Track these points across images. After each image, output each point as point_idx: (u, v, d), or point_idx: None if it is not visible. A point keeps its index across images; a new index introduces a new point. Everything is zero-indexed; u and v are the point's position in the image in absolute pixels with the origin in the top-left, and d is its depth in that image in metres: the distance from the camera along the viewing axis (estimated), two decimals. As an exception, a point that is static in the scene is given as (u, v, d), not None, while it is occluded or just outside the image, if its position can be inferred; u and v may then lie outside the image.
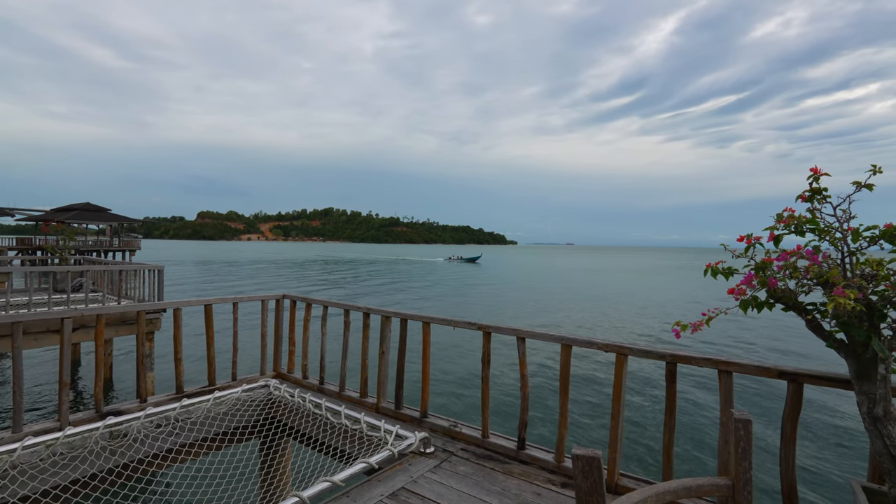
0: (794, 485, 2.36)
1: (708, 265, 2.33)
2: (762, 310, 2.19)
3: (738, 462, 1.30)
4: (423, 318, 3.83)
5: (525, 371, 3.27)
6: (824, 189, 2.13)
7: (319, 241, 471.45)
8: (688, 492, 1.29)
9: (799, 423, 2.39)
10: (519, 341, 3.29)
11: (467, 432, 3.51)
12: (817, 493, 5.33)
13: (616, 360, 2.85)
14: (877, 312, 1.97)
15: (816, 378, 2.30)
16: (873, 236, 2.02)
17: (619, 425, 2.83)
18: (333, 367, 4.73)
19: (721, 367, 2.51)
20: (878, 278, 1.97)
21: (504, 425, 7.06)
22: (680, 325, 2.19)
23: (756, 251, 2.23)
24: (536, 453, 3.19)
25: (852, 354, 2.02)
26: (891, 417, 1.94)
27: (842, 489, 5.37)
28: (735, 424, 1.32)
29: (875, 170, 1.98)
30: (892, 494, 1.89)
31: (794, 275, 2.12)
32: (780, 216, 2.19)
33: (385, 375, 4.11)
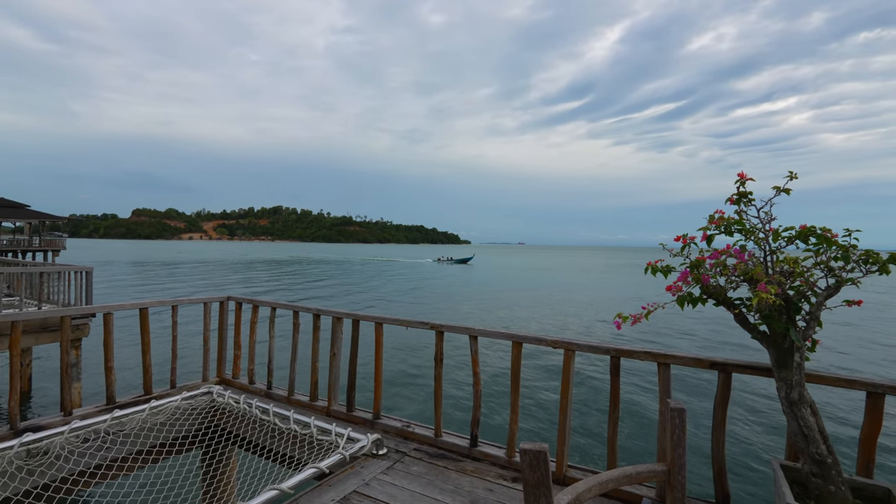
0: (723, 466, 2.54)
1: (648, 263, 2.46)
2: (696, 305, 2.34)
3: (674, 448, 1.38)
4: (375, 318, 3.78)
5: (477, 369, 3.31)
6: (750, 193, 2.30)
7: (268, 240, 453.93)
8: (629, 479, 1.35)
9: (728, 409, 2.57)
10: (471, 340, 3.32)
11: (420, 432, 3.51)
12: (744, 472, 5.78)
13: (564, 356, 2.95)
14: (793, 306, 2.16)
15: (742, 367, 2.49)
16: (790, 236, 2.21)
17: (567, 419, 2.93)
18: (282, 371, 4.57)
19: (660, 359, 2.66)
20: (795, 275, 2.15)
21: (458, 424, 7.12)
22: (621, 316, 2.29)
23: (691, 250, 2.37)
24: (489, 450, 3.24)
25: (773, 344, 2.20)
26: (804, 401, 2.13)
27: (765, 467, 5.86)
28: (670, 413, 1.40)
29: (791, 176, 2.17)
30: (805, 470, 2.08)
31: (723, 272, 2.28)
32: (712, 217, 2.35)
33: (336, 378, 4.02)
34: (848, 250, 2.12)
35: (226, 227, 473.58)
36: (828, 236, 2.13)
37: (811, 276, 2.17)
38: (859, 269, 2.13)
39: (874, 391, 2.24)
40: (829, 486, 2.01)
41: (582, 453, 6.43)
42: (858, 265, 2.12)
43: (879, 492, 2.06)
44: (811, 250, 2.20)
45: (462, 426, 6.78)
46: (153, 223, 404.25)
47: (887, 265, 2.07)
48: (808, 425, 2.09)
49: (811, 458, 2.06)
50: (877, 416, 2.24)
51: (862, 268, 2.12)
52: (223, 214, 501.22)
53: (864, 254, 2.11)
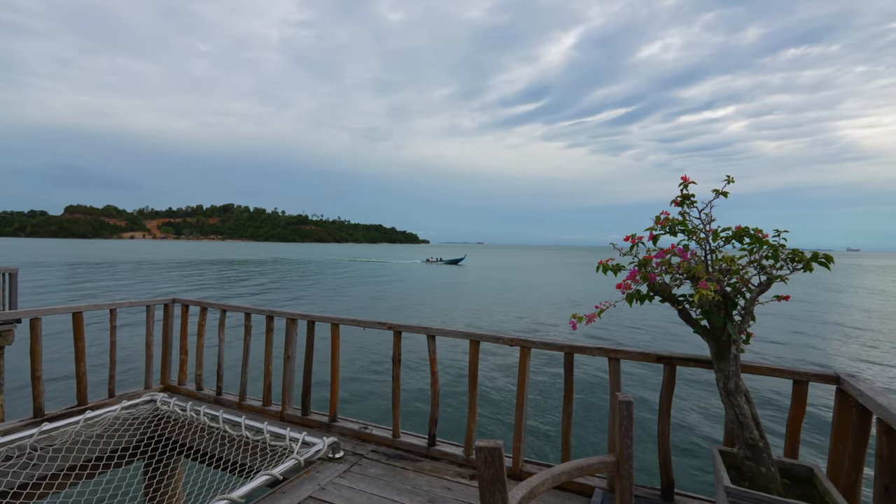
0: (668, 454, 2.68)
1: (600, 262, 2.56)
2: (644, 302, 2.45)
3: (622, 439, 1.45)
4: (331, 319, 3.70)
5: (435, 368, 3.31)
6: (692, 195, 2.44)
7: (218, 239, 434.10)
8: (580, 471, 1.40)
9: (673, 399, 2.71)
10: (429, 339, 3.32)
11: (378, 433, 3.47)
12: (688, 459, 6.13)
13: (520, 354, 3.00)
14: (730, 301, 2.30)
15: (686, 360, 2.63)
16: (728, 236, 2.36)
17: (523, 415, 2.99)
18: (233, 376, 4.39)
19: (610, 354, 2.77)
20: (731, 272, 2.30)
21: (417, 424, 7.10)
22: (576, 317, 2.37)
23: (639, 249, 2.48)
24: (447, 448, 3.26)
25: (712, 338, 2.34)
26: (740, 390, 2.28)
27: (706, 454, 6.24)
28: (619, 406, 1.46)
29: (728, 180, 2.32)
30: (740, 454, 2.23)
31: (668, 270, 2.40)
32: (658, 218, 2.47)
33: (291, 381, 3.91)
34: (777, 249, 2.30)
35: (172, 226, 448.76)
36: (760, 237, 2.29)
37: (746, 273, 2.33)
38: (787, 266, 2.30)
39: (799, 379, 2.43)
40: (761, 468, 2.16)
41: (539, 448, 6.59)
42: (786, 263, 2.30)
43: (803, 471, 2.25)
44: (746, 249, 2.36)
45: (421, 426, 6.78)
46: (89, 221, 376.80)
47: (810, 263, 2.25)
48: (742, 413, 2.24)
49: (745, 443, 2.21)
50: (801, 401, 2.43)
51: (789, 266, 2.30)
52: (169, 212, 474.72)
53: (791, 253, 2.28)
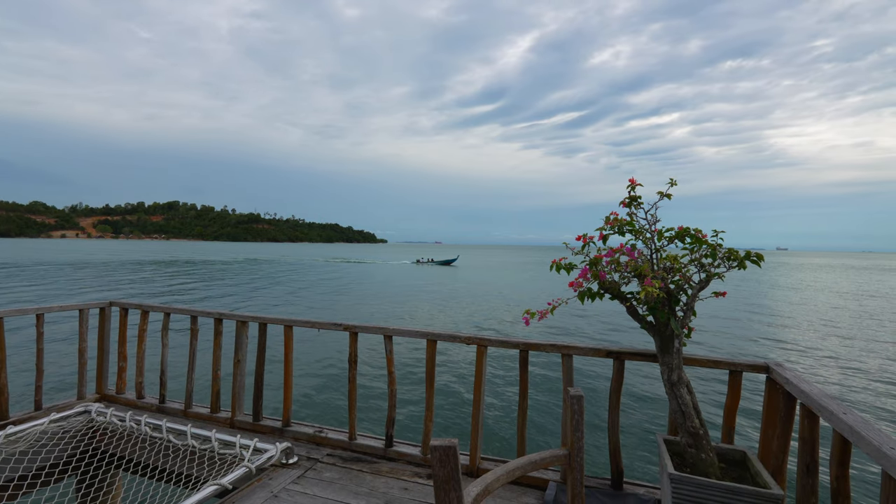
0: (618, 445, 2.80)
1: (553, 261, 2.63)
2: (595, 299, 2.55)
3: (573, 432, 1.50)
4: (284, 321, 3.59)
5: (392, 368, 3.29)
6: (639, 197, 2.55)
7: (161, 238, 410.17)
8: (533, 465, 1.43)
9: (622, 393, 2.83)
10: (386, 339, 3.29)
11: (334, 437, 3.40)
12: (636, 448, 6.42)
13: (477, 352, 3.04)
14: (673, 298, 2.43)
15: (633, 354, 2.76)
16: (671, 236, 2.49)
17: (480, 413, 3.02)
18: (178, 383, 4.16)
19: (563, 350, 2.85)
20: (674, 270, 2.43)
21: (375, 425, 7.02)
22: (529, 313, 2.42)
23: (590, 249, 2.57)
24: (405, 449, 3.24)
25: (658, 333, 2.46)
26: (682, 382, 2.41)
27: (652, 443, 6.56)
28: (570, 400, 1.51)
29: (672, 182, 2.45)
30: (683, 442, 2.36)
31: (617, 269, 2.50)
32: (608, 219, 2.57)
33: (241, 386, 3.75)
34: (715, 249, 2.45)
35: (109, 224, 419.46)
36: (699, 237, 2.43)
37: (687, 271, 2.47)
38: (724, 265, 2.46)
39: (734, 369, 2.61)
40: (701, 455, 2.30)
41: (499, 444, 6.69)
42: (723, 261, 2.45)
43: (738, 455, 2.41)
44: (687, 249, 2.50)
45: (379, 428, 6.71)
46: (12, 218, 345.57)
47: (744, 261, 2.41)
48: (685, 403, 2.37)
49: (687, 432, 2.34)
50: (736, 390, 2.60)
51: (726, 264, 2.46)
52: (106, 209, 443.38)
53: (728, 252, 2.44)
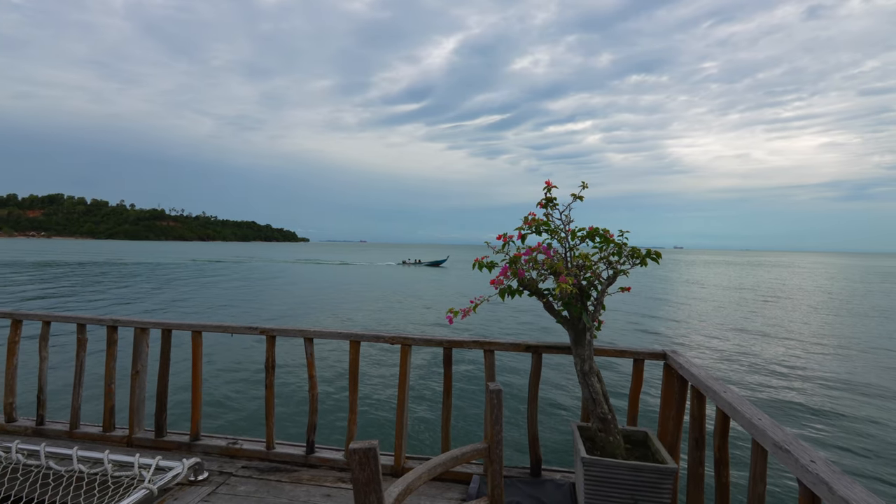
0: (536, 434, 2.94)
1: (476, 260, 2.69)
2: (514, 296, 2.65)
3: (493, 426, 1.54)
4: (192, 326, 3.31)
5: (313, 372, 3.16)
6: (555, 198, 2.69)
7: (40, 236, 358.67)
8: (455, 461, 1.46)
9: (540, 384, 2.98)
10: (306, 342, 3.17)
11: (250, 447, 3.20)
12: (553, 437, 6.79)
13: (401, 351, 3.02)
14: (585, 293, 2.60)
15: (550, 348, 2.91)
16: (583, 235, 2.67)
17: (405, 412, 3.01)
18: (62, 400, 3.66)
19: (485, 346, 2.93)
20: (586, 268, 2.60)
21: (297, 432, 6.72)
22: (452, 311, 2.46)
23: (510, 248, 2.67)
24: (327, 454, 3.14)
25: (571, 326, 2.62)
26: (593, 371, 2.59)
27: (567, 430, 6.99)
28: (490, 395, 1.55)
29: (583, 185, 2.61)
30: (594, 427, 2.54)
31: (535, 267, 2.62)
32: (526, 219, 2.68)
33: (140, 400, 3.40)
34: (621, 247, 2.66)
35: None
36: (608, 236, 2.63)
37: (597, 268, 2.65)
38: (629, 262, 2.68)
39: (637, 358, 2.85)
40: (610, 438, 2.48)
41: (426, 442, 6.71)
42: (628, 259, 2.67)
43: (640, 435, 2.64)
44: (597, 247, 2.69)
45: (301, 435, 6.44)
46: None
47: (645, 259, 2.65)
48: (595, 391, 2.55)
49: (597, 417, 2.52)
50: (639, 377, 2.85)
51: (630, 261, 2.68)
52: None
53: (632, 250, 2.66)
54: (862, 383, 9.95)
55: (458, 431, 7.01)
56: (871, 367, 11.33)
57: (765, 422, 1.64)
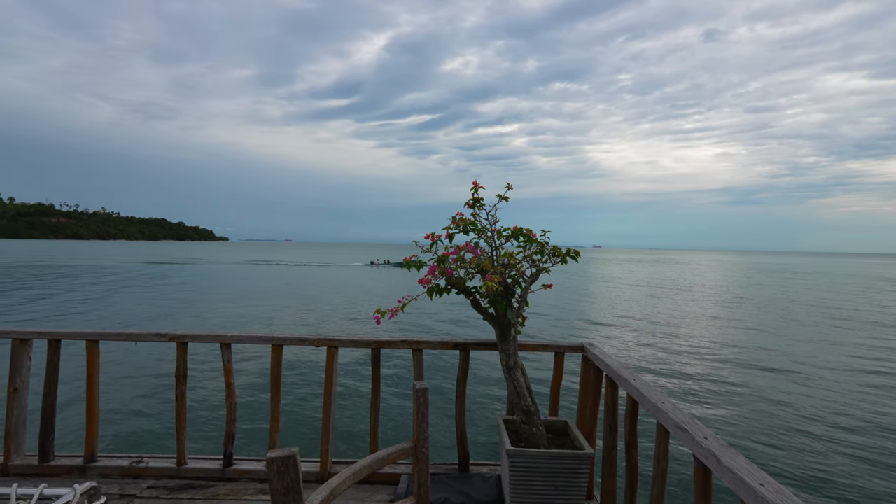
0: (464, 430, 2.99)
1: (405, 259, 2.68)
2: (443, 294, 2.67)
3: (419, 424, 1.55)
4: (86, 335, 2.95)
5: (231, 379, 2.97)
6: (482, 199, 2.76)
7: None
8: (381, 462, 1.44)
9: (469, 381, 3.03)
10: (223, 347, 2.96)
11: (157, 465, 2.93)
12: (481, 432, 6.97)
13: (327, 354, 2.93)
14: (510, 291, 2.69)
15: (477, 345, 2.97)
16: (508, 235, 2.76)
17: (331, 416, 2.92)
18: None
19: (414, 346, 2.93)
20: (511, 266, 2.69)
21: (213, 445, 6.27)
22: (380, 311, 2.43)
23: (438, 246, 2.69)
24: (247, 466, 2.95)
25: (497, 323, 2.70)
26: (518, 366, 2.68)
27: (495, 425, 7.23)
28: (416, 394, 1.55)
29: (508, 186, 2.70)
30: (518, 420, 2.63)
31: (462, 265, 2.67)
32: (454, 218, 2.72)
33: (20, 421, 2.97)
34: (544, 246, 2.78)
35: None
36: (531, 236, 2.74)
37: (521, 266, 2.76)
38: (550, 260, 2.82)
39: (558, 351, 3.00)
40: (533, 429, 2.59)
41: (354, 446, 6.57)
42: (550, 257, 2.81)
43: (561, 425, 2.78)
44: (521, 246, 2.79)
45: (219, 448, 6.01)
46: None
47: (566, 257, 2.79)
48: (519, 385, 2.65)
49: (522, 410, 2.62)
50: (560, 369, 3.00)
51: (552, 259, 2.82)
52: None
53: (553, 249, 2.80)
54: (746, 361, 11.32)
55: (390, 432, 6.95)
56: (753, 347, 12.92)
57: (667, 405, 1.80)
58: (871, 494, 5.32)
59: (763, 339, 14.67)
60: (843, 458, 6.25)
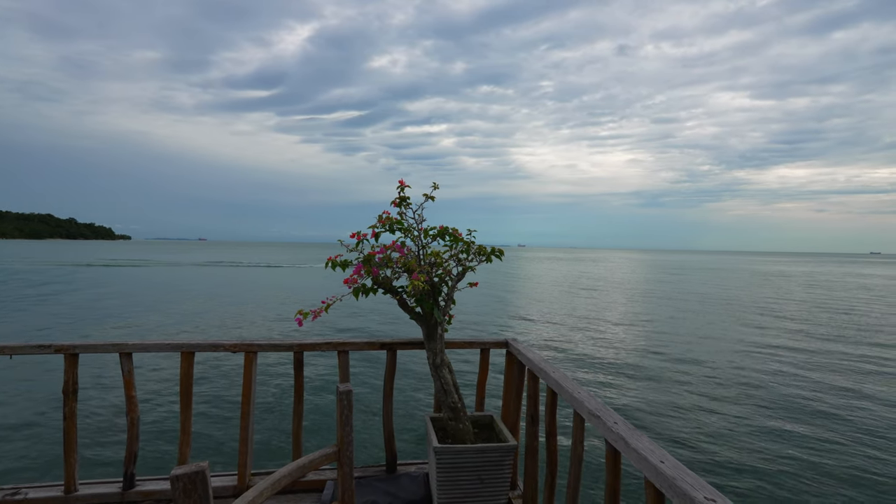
0: (392, 431, 2.97)
1: (329, 259, 2.60)
2: (369, 294, 2.63)
3: (343, 427, 1.51)
4: None
5: (133, 392, 2.69)
6: (408, 198, 2.75)
7: None
8: (302, 469, 1.38)
9: (396, 381, 3.01)
10: (123, 358, 2.68)
11: (40, 495, 2.58)
12: (409, 431, 6.97)
13: (245, 359, 2.76)
14: (437, 290, 2.72)
15: (404, 344, 2.96)
16: (434, 234, 2.78)
17: (250, 425, 2.76)
18: None
19: (339, 347, 2.85)
20: (437, 265, 2.72)
21: (114, 465, 5.64)
22: (302, 313, 2.34)
23: (364, 246, 2.65)
24: (152, 486, 2.70)
25: (424, 322, 2.71)
26: (444, 364, 2.72)
27: (422, 423, 7.26)
28: (339, 396, 1.52)
29: (434, 186, 2.73)
30: (445, 417, 2.67)
31: (389, 265, 2.65)
32: (380, 217, 2.69)
33: None
34: (469, 245, 2.85)
35: None
36: (457, 235, 2.79)
37: (448, 265, 2.80)
38: (476, 259, 2.89)
39: (484, 347, 3.09)
40: (460, 425, 2.64)
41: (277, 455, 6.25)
42: (475, 256, 2.87)
43: (487, 419, 2.87)
44: (447, 246, 2.83)
45: (118, 470, 5.42)
46: None
47: (491, 256, 2.88)
48: (446, 382, 2.68)
49: (448, 407, 2.66)
50: (485, 365, 3.09)
51: (477, 258, 2.89)
52: None
53: (479, 248, 2.87)
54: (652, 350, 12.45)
55: (316, 438, 6.71)
56: (659, 338, 14.24)
57: (582, 394, 1.92)
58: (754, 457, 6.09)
59: (662, 328, 16.19)
60: (726, 423, 7.10)
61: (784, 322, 18.14)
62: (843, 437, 6.93)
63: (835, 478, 5.68)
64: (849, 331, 16.40)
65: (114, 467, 5.58)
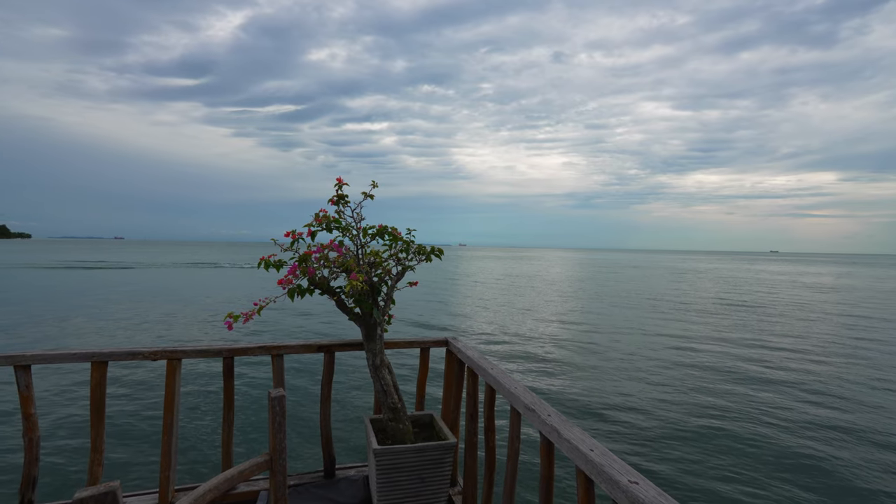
0: (330, 435, 2.89)
1: (261, 259, 2.48)
2: (305, 295, 2.54)
3: (275, 434, 1.45)
4: None
5: (32, 410, 2.41)
6: (346, 196, 2.69)
7: None
8: (230, 481, 1.31)
9: (335, 383, 2.94)
10: (19, 371, 2.38)
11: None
12: (348, 435, 6.83)
13: (167, 367, 2.56)
14: (376, 290, 2.68)
15: (342, 346, 2.90)
16: (373, 233, 2.74)
17: (174, 438, 2.57)
18: None
19: (273, 351, 2.73)
20: (377, 265, 2.68)
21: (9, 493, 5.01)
22: (232, 316, 2.21)
23: (299, 245, 2.55)
24: (55, 512, 2.43)
25: (363, 322, 2.67)
26: (384, 365, 2.69)
27: (361, 425, 7.14)
28: (271, 402, 1.45)
29: (373, 184, 2.69)
30: (385, 418, 2.65)
31: (326, 264, 2.58)
32: (317, 215, 2.61)
33: None
34: (409, 245, 2.83)
35: None
36: (396, 234, 2.77)
37: (388, 265, 2.77)
38: (416, 258, 2.88)
39: (424, 346, 3.09)
40: (400, 425, 2.63)
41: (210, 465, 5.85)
42: (415, 256, 2.87)
43: (427, 418, 2.87)
44: (387, 245, 2.80)
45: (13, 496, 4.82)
46: None
47: (430, 255, 2.89)
48: (386, 383, 2.66)
49: (388, 408, 2.63)
50: (425, 364, 3.10)
51: (417, 257, 2.88)
52: None
53: (418, 247, 2.87)
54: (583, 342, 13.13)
55: (250, 447, 6.37)
56: (586, 329, 15.05)
57: (519, 389, 1.98)
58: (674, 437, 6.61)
59: (594, 321, 17.14)
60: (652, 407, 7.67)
61: (692, 315, 19.88)
62: (744, 413, 7.72)
63: (733, 453, 6.31)
64: (749, 320, 18.31)
65: (6, 497, 4.96)
